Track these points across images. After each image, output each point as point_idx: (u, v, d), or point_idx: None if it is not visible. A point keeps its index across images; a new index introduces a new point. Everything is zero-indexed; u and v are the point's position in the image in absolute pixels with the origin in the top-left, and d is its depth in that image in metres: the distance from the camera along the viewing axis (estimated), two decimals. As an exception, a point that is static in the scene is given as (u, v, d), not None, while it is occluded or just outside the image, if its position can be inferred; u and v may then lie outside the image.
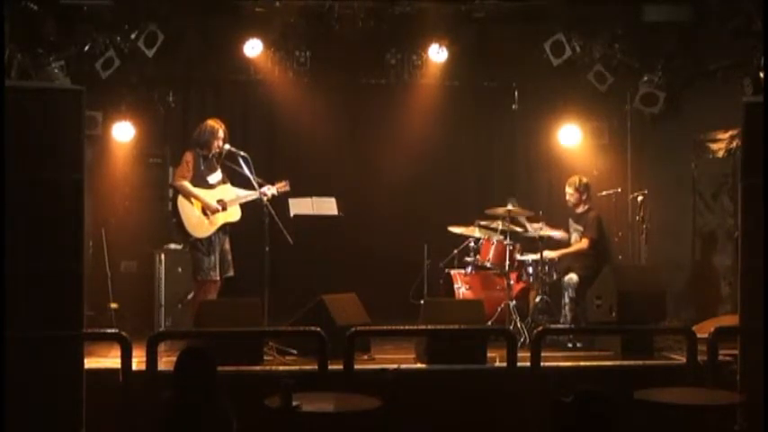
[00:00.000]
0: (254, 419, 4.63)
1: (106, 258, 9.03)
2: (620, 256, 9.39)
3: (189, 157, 7.63)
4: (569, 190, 8.62)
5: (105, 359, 6.69)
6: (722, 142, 9.00)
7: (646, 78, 9.17)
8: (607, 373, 6.76)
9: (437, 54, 9.30)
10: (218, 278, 7.64)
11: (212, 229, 7.61)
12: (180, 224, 7.53)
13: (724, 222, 8.96)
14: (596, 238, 8.46)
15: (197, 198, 7.59)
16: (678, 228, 9.50)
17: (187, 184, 7.55)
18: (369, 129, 10.13)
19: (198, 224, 7.56)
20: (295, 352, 7.14)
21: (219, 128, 7.73)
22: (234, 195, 7.78)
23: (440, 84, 9.85)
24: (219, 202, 7.67)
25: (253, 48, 9.02)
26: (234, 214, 7.77)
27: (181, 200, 7.56)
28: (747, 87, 7.91)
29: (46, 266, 5.59)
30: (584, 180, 8.67)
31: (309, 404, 4.76)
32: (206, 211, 7.61)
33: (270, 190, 7.82)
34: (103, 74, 8.47)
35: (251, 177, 7.83)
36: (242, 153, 7.89)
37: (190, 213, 7.55)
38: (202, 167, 7.64)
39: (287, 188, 7.95)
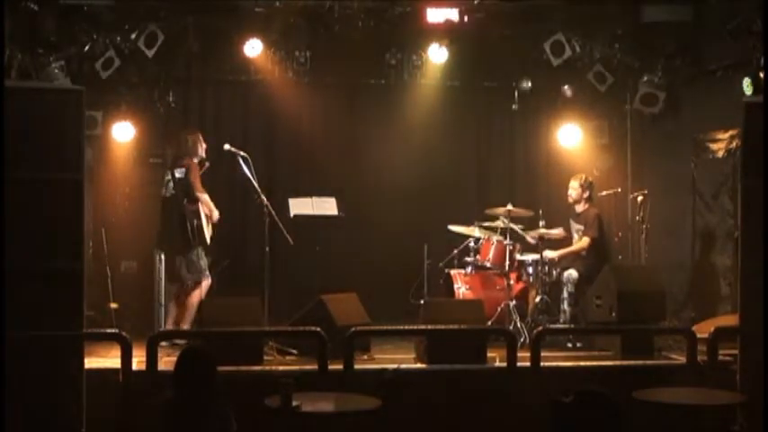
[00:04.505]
0: (254, 419, 4.64)
1: (106, 258, 9.02)
2: (620, 256, 9.39)
3: (196, 166, 7.88)
4: (573, 184, 8.65)
5: (105, 359, 6.69)
6: (722, 142, 8.99)
7: (646, 78, 9.17)
8: (607, 373, 6.75)
9: (437, 54, 9.30)
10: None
11: (209, 237, 7.93)
12: (201, 229, 7.77)
13: (724, 222, 8.95)
14: (597, 237, 8.48)
15: (209, 206, 7.89)
16: (678, 228, 9.50)
17: (206, 196, 7.89)
18: (369, 129, 10.12)
19: (207, 231, 7.89)
20: (295, 352, 7.15)
21: (199, 133, 8.10)
22: (216, 210, 8.06)
23: (440, 84, 9.86)
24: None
25: (253, 48, 9.02)
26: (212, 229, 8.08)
27: (201, 206, 7.82)
28: (747, 87, 7.91)
29: (46, 266, 5.59)
30: (590, 179, 8.73)
31: (309, 404, 4.76)
32: (209, 218, 7.90)
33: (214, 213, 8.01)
34: (103, 74, 8.46)
35: (251, 177, 7.86)
36: (242, 153, 7.93)
37: (204, 220, 7.84)
38: None
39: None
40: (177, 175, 7.91)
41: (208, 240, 7.85)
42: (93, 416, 5.67)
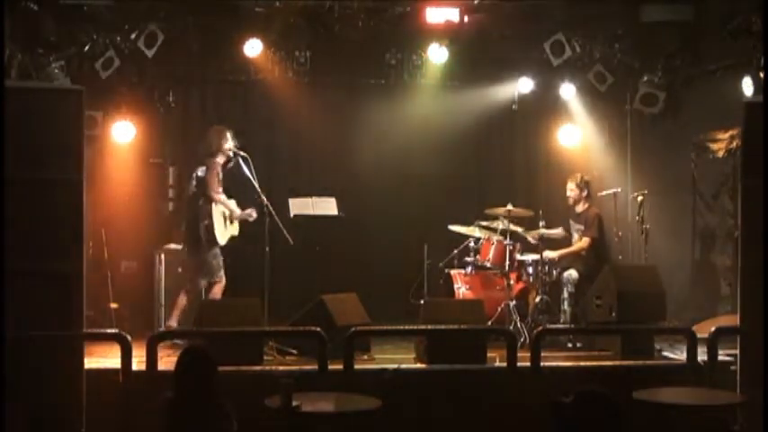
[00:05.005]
0: (254, 419, 4.64)
1: (106, 258, 9.02)
2: (620, 256, 9.39)
3: (217, 167, 7.82)
4: (570, 185, 8.65)
5: (105, 359, 6.69)
6: (722, 142, 9.00)
7: (646, 78, 9.17)
8: (607, 373, 6.76)
9: (437, 54, 9.29)
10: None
11: (228, 237, 7.88)
12: (211, 229, 7.70)
13: (724, 222, 8.96)
14: (597, 237, 8.48)
15: (227, 207, 7.85)
16: (678, 228, 9.50)
17: (223, 197, 7.82)
18: (369, 129, 10.12)
19: (222, 231, 7.82)
20: (295, 352, 7.15)
21: (223, 129, 7.92)
22: (237, 210, 7.97)
23: (440, 84, 9.86)
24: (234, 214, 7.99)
25: (253, 48, 9.01)
26: (237, 228, 8.02)
27: (215, 206, 7.76)
28: (747, 87, 7.92)
29: (46, 266, 5.59)
30: (586, 177, 8.72)
31: (309, 404, 4.76)
32: (227, 220, 7.86)
33: (252, 215, 7.98)
34: (103, 74, 8.46)
35: (251, 177, 7.87)
36: (242, 153, 7.94)
37: (219, 220, 7.77)
38: (221, 177, 7.88)
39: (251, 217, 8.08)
40: (199, 173, 7.91)
41: (221, 241, 7.78)
42: (93, 416, 5.67)
